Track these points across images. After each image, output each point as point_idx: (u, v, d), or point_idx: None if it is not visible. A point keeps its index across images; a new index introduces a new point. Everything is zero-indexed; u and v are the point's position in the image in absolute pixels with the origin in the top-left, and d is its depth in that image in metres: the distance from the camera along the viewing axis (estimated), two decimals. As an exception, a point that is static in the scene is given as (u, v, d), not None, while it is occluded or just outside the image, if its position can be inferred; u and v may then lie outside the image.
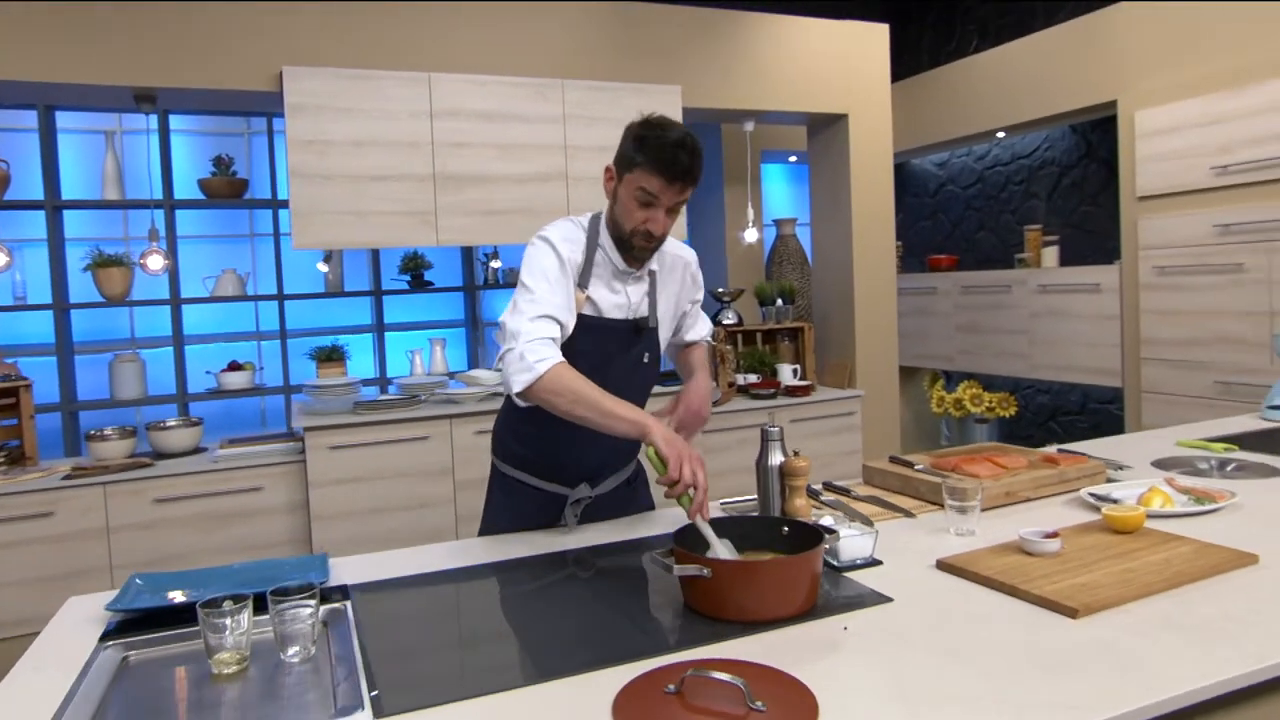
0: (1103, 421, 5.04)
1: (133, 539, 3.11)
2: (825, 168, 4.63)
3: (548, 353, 1.55)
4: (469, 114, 3.53)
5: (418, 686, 1.11)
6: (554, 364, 1.54)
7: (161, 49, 3.16)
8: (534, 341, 1.56)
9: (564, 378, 1.53)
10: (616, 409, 1.48)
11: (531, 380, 1.52)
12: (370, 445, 3.35)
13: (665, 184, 1.59)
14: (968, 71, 5.09)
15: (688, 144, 1.59)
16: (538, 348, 1.55)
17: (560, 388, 1.52)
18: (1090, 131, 4.90)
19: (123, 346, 4.21)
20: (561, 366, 1.54)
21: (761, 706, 0.97)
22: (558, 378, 1.52)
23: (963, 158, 5.77)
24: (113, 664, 1.24)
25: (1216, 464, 2.09)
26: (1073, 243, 4.95)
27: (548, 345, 1.56)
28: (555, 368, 1.53)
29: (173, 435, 3.38)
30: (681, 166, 1.58)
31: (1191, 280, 3.85)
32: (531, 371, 1.52)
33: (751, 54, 4.15)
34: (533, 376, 1.52)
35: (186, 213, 4.25)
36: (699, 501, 1.36)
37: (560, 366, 1.54)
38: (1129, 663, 1.07)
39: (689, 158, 1.58)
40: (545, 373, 1.52)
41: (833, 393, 4.46)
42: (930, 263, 5.59)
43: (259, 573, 1.52)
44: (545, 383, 1.52)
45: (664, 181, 1.58)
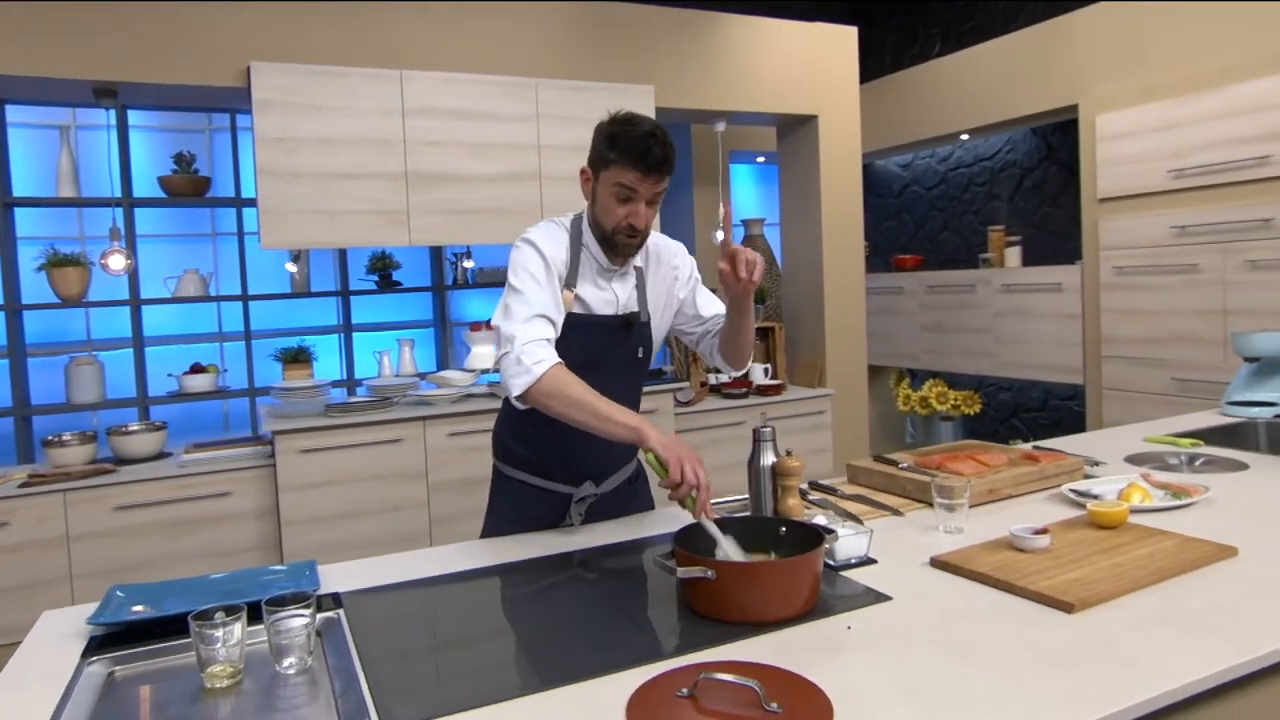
0: (1064, 418, 5.17)
1: (94, 548, 3.02)
2: (795, 169, 4.67)
3: (544, 354, 1.55)
4: (441, 112, 3.48)
5: (422, 696, 1.09)
6: (550, 365, 1.53)
7: (124, 42, 3.06)
8: (530, 344, 1.55)
9: (560, 380, 1.52)
10: (613, 414, 1.48)
11: (530, 383, 1.52)
12: (342, 448, 3.29)
13: (641, 176, 1.60)
14: (933, 74, 5.17)
15: (659, 135, 1.61)
16: (534, 350, 1.55)
17: (556, 390, 1.51)
18: (1051, 134, 5.01)
19: (79, 349, 4.07)
20: (558, 368, 1.54)
21: (777, 708, 0.97)
22: (554, 380, 1.52)
23: (926, 159, 5.87)
24: (99, 680, 1.20)
25: (1186, 459, 2.15)
26: (1034, 243, 5.06)
27: (544, 347, 1.56)
28: (551, 370, 1.53)
29: (135, 440, 3.28)
30: (655, 157, 1.59)
31: (1150, 280, 3.96)
32: (529, 374, 1.52)
33: (723, 55, 4.17)
34: (530, 379, 1.52)
35: (146, 211, 4.12)
36: (703, 501, 1.36)
37: (557, 368, 1.54)
38: (1128, 656, 1.09)
39: (661, 149, 1.60)
40: (542, 375, 1.52)
41: (803, 391, 4.50)
42: (896, 262, 5.67)
43: (246, 582, 1.49)
44: (542, 385, 1.52)
45: (640, 174, 1.60)
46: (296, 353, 4.12)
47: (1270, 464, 2.07)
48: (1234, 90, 3.58)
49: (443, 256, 4.80)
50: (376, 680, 1.13)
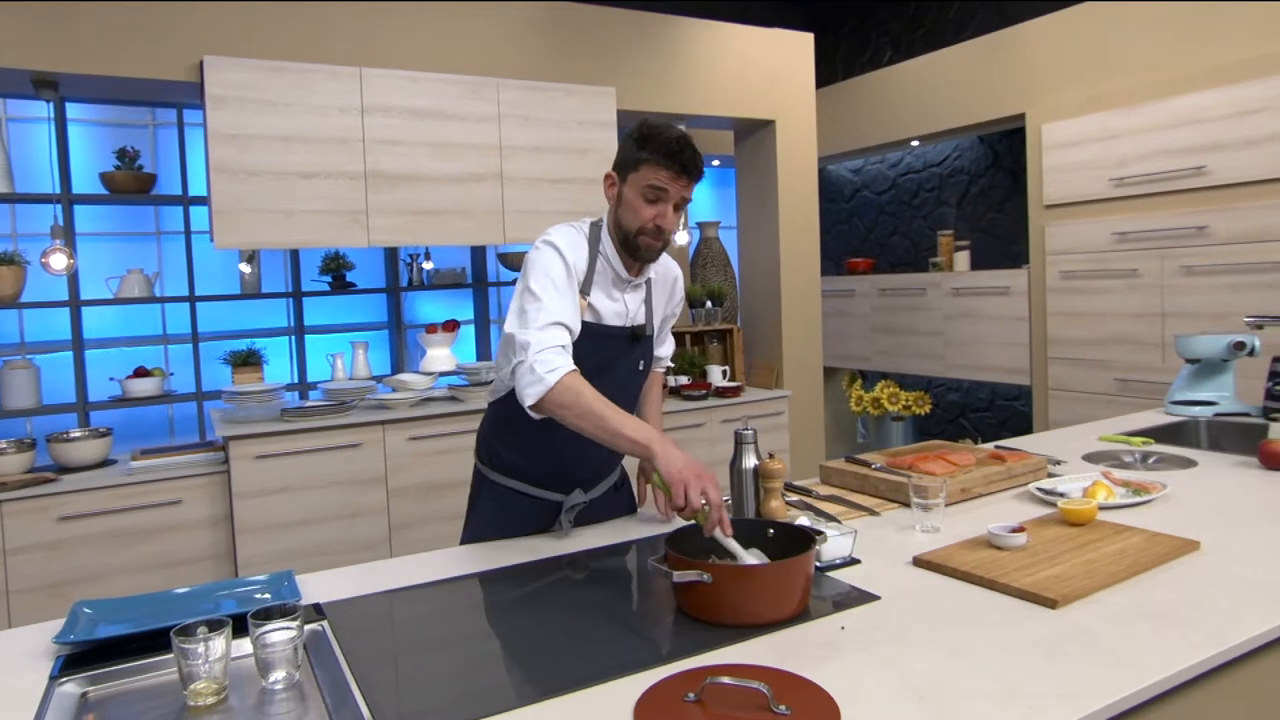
0: (1010, 418, 5.33)
1: (33, 561, 2.88)
2: (752, 173, 4.72)
3: (559, 362, 1.52)
4: (401, 111, 3.43)
5: (421, 707, 1.07)
6: (564, 374, 1.51)
7: (67, 31, 2.93)
8: (544, 351, 1.53)
9: (573, 389, 1.50)
10: (624, 428, 1.46)
11: (543, 392, 1.49)
12: (299, 453, 3.21)
13: (674, 176, 1.62)
14: (884, 82, 5.28)
15: (689, 140, 1.65)
16: (549, 358, 1.52)
17: (569, 401, 1.49)
18: (998, 142, 5.17)
19: (12, 352, 3.88)
20: (572, 377, 1.52)
21: (786, 711, 0.98)
22: (567, 389, 1.49)
23: (877, 164, 5.99)
24: (71, 702, 1.15)
25: (1139, 457, 2.24)
26: (981, 248, 5.21)
27: (558, 354, 1.53)
28: (565, 378, 1.50)
29: (78, 447, 3.14)
30: (688, 158, 1.62)
31: (1093, 284, 4.12)
32: (542, 383, 1.49)
33: (683, 59, 4.19)
34: (544, 389, 1.49)
35: (86, 208, 3.96)
36: (714, 520, 1.35)
37: (570, 377, 1.51)
38: (1114, 650, 1.13)
39: (693, 152, 1.64)
40: (555, 384, 1.49)
41: (761, 393, 4.55)
42: (848, 266, 5.78)
43: (221, 594, 1.44)
44: (555, 394, 1.49)
45: (673, 173, 1.62)
46: (246, 355, 4.00)
47: (1215, 460, 2.17)
48: (1172, 103, 3.74)
49: (398, 258, 4.72)
50: (371, 692, 1.11)
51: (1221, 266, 3.60)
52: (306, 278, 4.46)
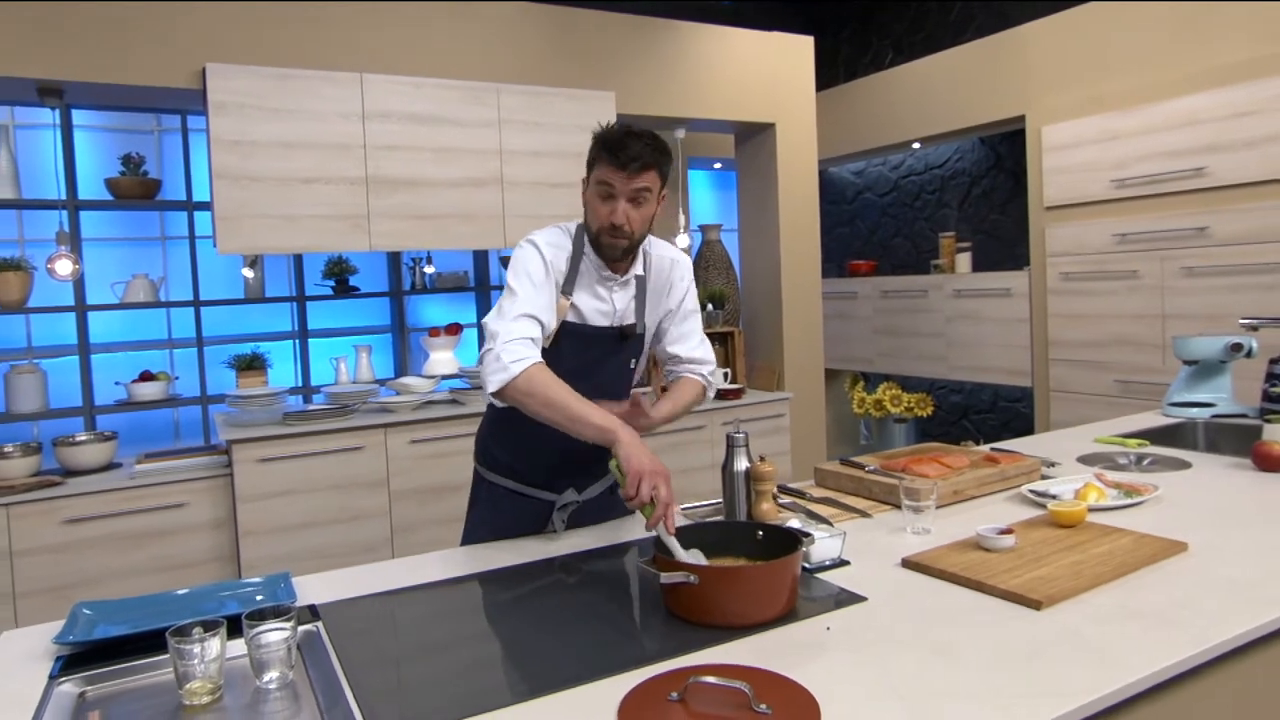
0: (1012, 419, 5.33)
1: (40, 563, 2.91)
2: (753, 176, 4.73)
3: (525, 353, 1.55)
4: (402, 116, 3.45)
5: (412, 706, 1.09)
6: (529, 364, 1.54)
7: (71, 39, 2.97)
8: (512, 342, 1.56)
9: (537, 379, 1.53)
10: (586, 414, 1.49)
11: (506, 380, 1.52)
12: (301, 457, 3.23)
13: (616, 169, 1.62)
14: (885, 84, 5.29)
15: (641, 134, 1.64)
16: (515, 348, 1.55)
17: (533, 389, 1.52)
18: (999, 143, 5.17)
19: (19, 356, 3.93)
20: (537, 368, 1.54)
21: (767, 710, 1.00)
22: (531, 379, 1.53)
23: (879, 166, 6.00)
24: (70, 701, 1.17)
25: (1134, 459, 2.24)
26: (983, 249, 5.22)
27: (525, 345, 1.56)
28: (530, 369, 1.53)
29: (84, 451, 3.18)
30: (630, 151, 1.60)
31: (1093, 286, 4.12)
32: (506, 372, 1.52)
33: (683, 62, 4.21)
34: (508, 377, 1.52)
35: (92, 214, 4.00)
36: (657, 516, 1.37)
37: (536, 367, 1.54)
38: (1098, 650, 1.14)
39: (638, 144, 1.62)
40: (520, 374, 1.52)
41: (762, 395, 4.56)
42: (850, 268, 5.79)
43: (218, 596, 1.46)
44: (519, 383, 1.53)
45: (614, 166, 1.61)
46: (250, 359, 4.03)
47: (1210, 462, 2.17)
48: (1172, 104, 3.74)
49: (400, 261, 4.75)
50: (363, 691, 1.13)
51: (1222, 268, 3.60)
52: (310, 282, 4.50)
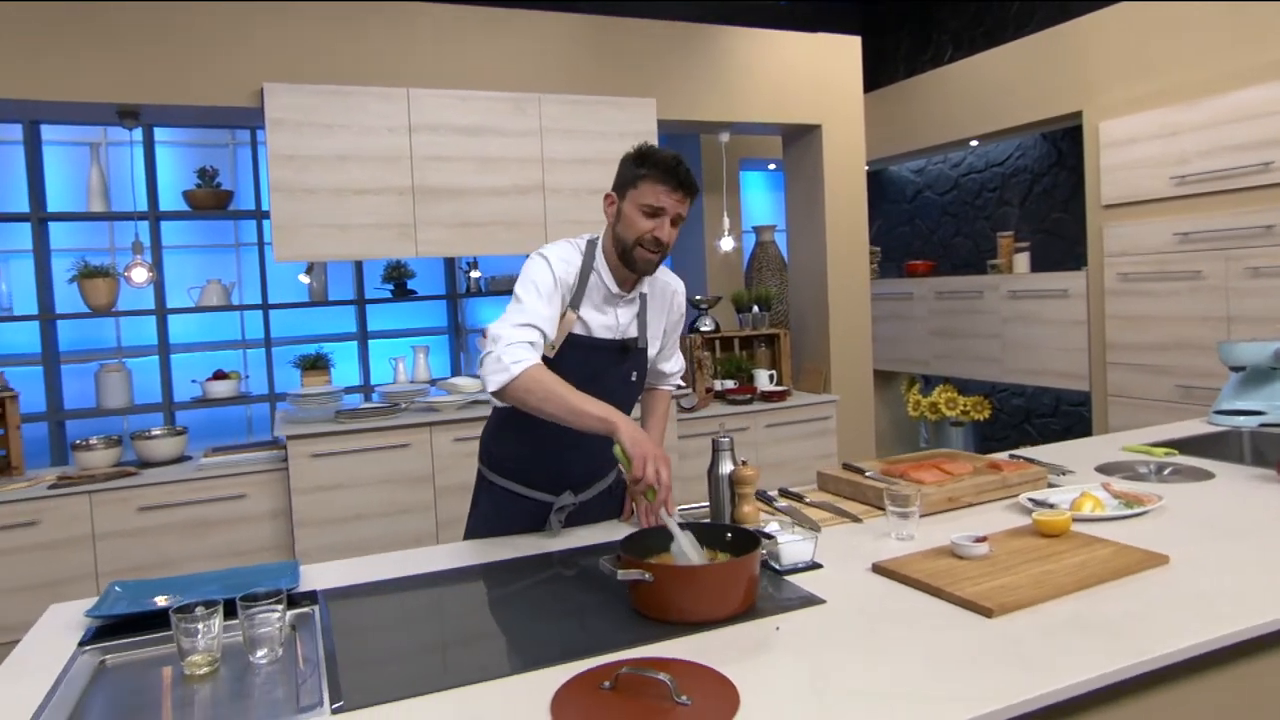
0: (1075, 424, 5.15)
1: (118, 547, 3.18)
2: (800, 177, 4.73)
3: (524, 355, 1.63)
4: (447, 128, 3.61)
5: (372, 685, 1.19)
6: (529, 365, 1.62)
7: (145, 67, 3.24)
8: (512, 345, 1.64)
9: (537, 377, 1.61)
10: (586, 406, 1.57)
11: (506, 381, 1.61)
12: (351, 453, 3.42)
13: (670, 191, 1.72)
14: (941, 81, 5.20)
15: (683, 160, 1.76)
16: (515, 350, 1.63)
17: (532, 386, 1.60)
18: (1061, 139, 5.01)
19: (109, 356, 4.27)
20: (536, 368, 1.62)
21: (686, 701, 1.06)
22: (531, 378, 1.61)
23: (939, 164, 5.88)
24: (90, 668, 1.32)
25: (1155, 468, 2.19)
26: (1045, 249, 5.06)
27: (525, 348, 1.64)
28: (530, 369, 1.61)
29: (158, 444, 3.44)
30: (683, 175, 1.73)
31: (1153, 286, 3.96)
32: (507, 372, 1.61)
33: (725, 67, 4.24)
34: (508, 377, 1.61)
35: (172, 223, 4.31)
36: (661, 499, 1.44)
37: (535, 368, 1.62)
38: (1031, 658, 1.15)
39: (687, 170, 1.74)
40: (520, 373, 1.60)
41: (808, 397, 4.56)
42: (907, 268, 5.69)
43: (234, 579, 1.60)
44: (520, 382, 1.61)
45: (669, 189, 1.71)
46: (315, 359, 4.27)
47: (1237, 474, 2.10)
48: (1236, 96, 3.57)
49: (456, 266, 4.94)
50: (337, 670, 1.24)
51: (1289, 268, 3.42)
52: (369, 285, 4.73)
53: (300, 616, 1.47)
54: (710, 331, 4.68)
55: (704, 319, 4.72)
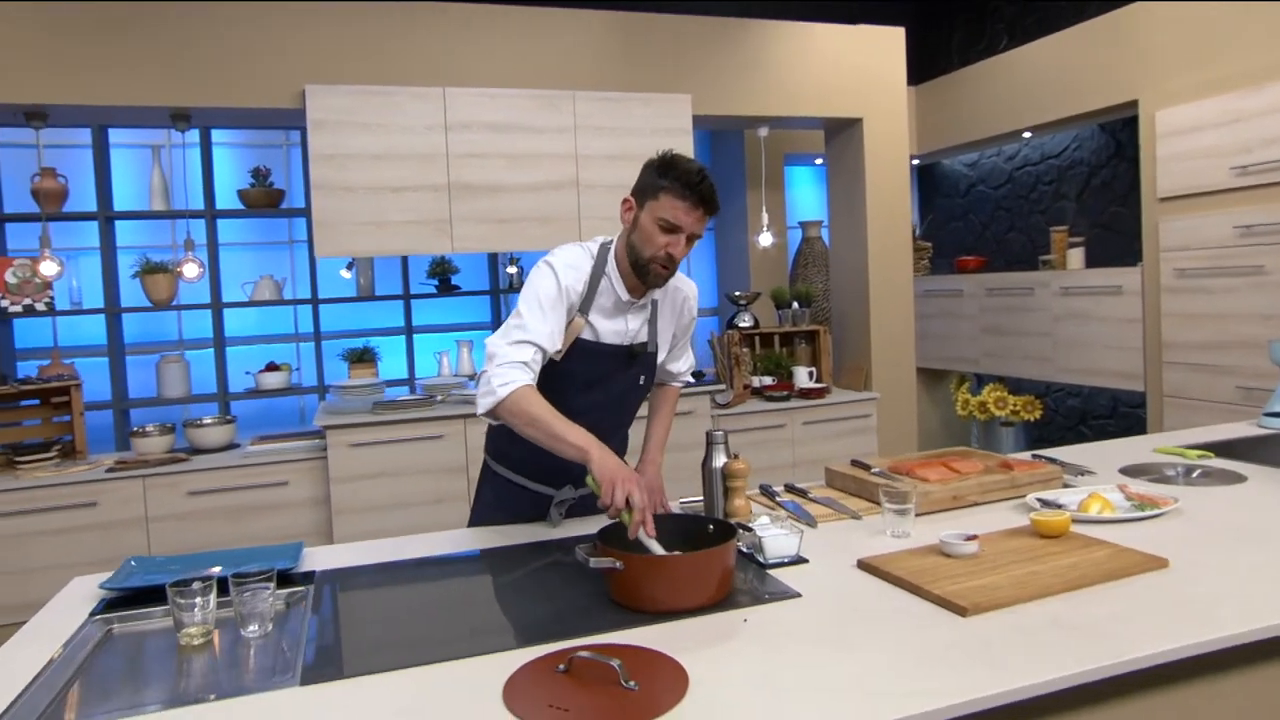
0: (1133, 425, 4.94)
1: (169, 529, 3.35)
2: (841, 172, 4.66)
3: (513, 376, 1.63)
4: (482, 126, 3.68)
5: (343, 661, 1.24)
6: (516, 388, 1.62)
7: (194, 72, 3.39)
8: (503, 366, 1.65)
9: (523, 402, 1.61)
10: (565, 434, 1.57)
11: (493, 404, 1.63)
12: (388, 443, 3.52)
13: (690, 209, 1.66)
14: (993, 71, 5.05)
15: (708, 176, 1.69)
16: (505, 372, 1.64)
17: (518, 410, 1.61)
18: (1120, 130, 4.81)
19: (170, 348, 4.49)
20: (524, 390, 1.62)
21: (634, 686, 1.07)
22: (517, 402, 1.61)
23: (993, 158, 5.71)
24: (96, 636, 1.40)
25: (1184, 471, 2.09)
26: (1103, 243, 4.88)
27: (516, 369, 1.64)
28: (517, 392, 1.61)
29: (208, 432, 3.61)
30: (706, 191, 1.67)
31: (1212, 283, 3.77)
32: (494, 395, 1.62)
33: (762, 61, 4.21)
34: (494, 401, 1.62)
35: (228, 221, 4.50)
36: (637, 522, 1.44)
37: (522, 390, 1.62)
38: (998, 658, 1.13)
39: (710, 188, 1.68)
40: (506, 397, 1.61)
41: (848, 395, 4.49)
42: (957, 264, 5.55)
43: (240, 558, 1.68)
44: (507, 405, 1.62)
45: (689, 206, 1.66)
46: (361, 353, 4.41)
47: (1273, 478, 1.99)
48: (1302, 82, 3.38)
49: (498, 262, 5.02)
50: (316, 646, 1.29)
51: (1358, 263, 3.21)
52: (415, 281, 4.85)
53: (296, 595, 1.54)
54: (749, 328, 4.65)
55: (742, 315, 4.69)
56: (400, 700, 1.10)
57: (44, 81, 3.26)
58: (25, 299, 3.91)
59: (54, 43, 3.26)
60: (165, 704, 1.14)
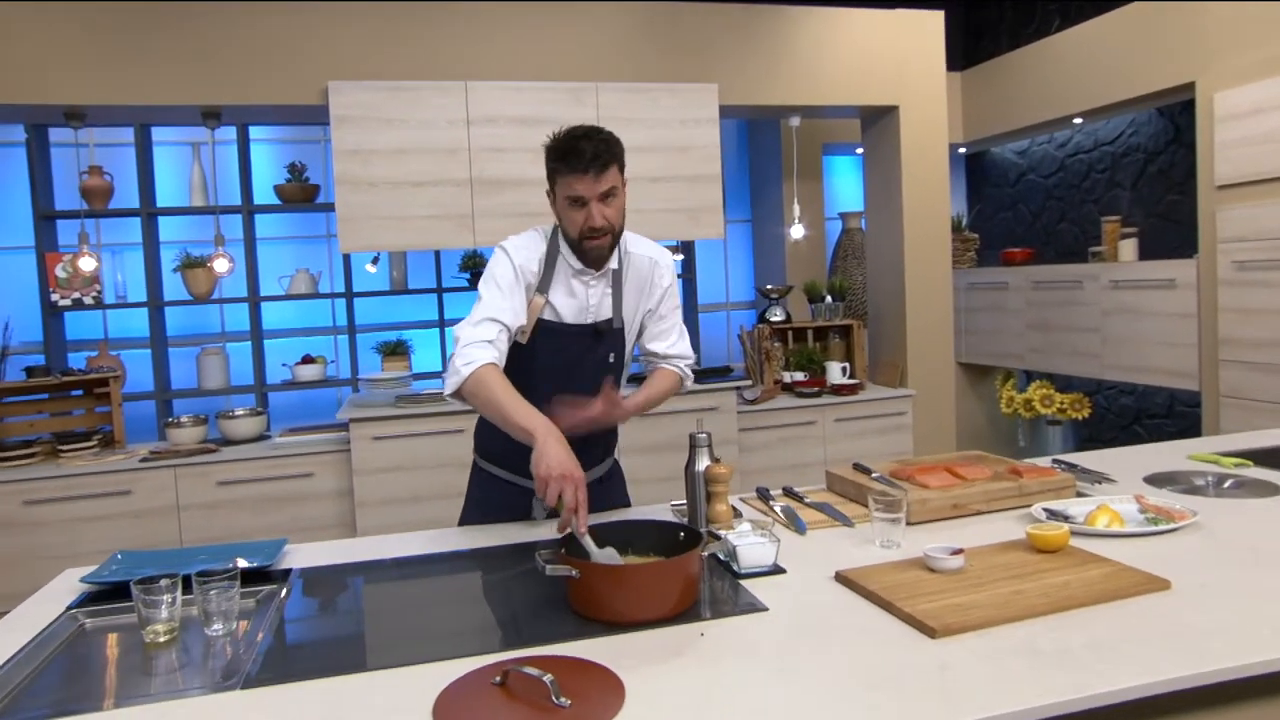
0: (1190, 426, 4.68)
1: (199, 517, 3.43)
2: (877, 161, 4.52)
3: (476, 355, 1.63)
4: (504, 120, 3.66)
5: (289, 664, 1.23)
6: (479, 366, 1.61)
7: (223, 71, 3.46)
8: (468, 346, 1.65)
9: (483, 382, 1.61)
10: (513, 416, 1.55)
11: (458, 384, 1.63)
12: (409, 437, 3.55)
13: (580, 176, 1.65)
14: (1042, 54, 4.82)
15: (591, 135, 1.67)
16: (469, 352, 1.64)
17: (477, 390, 1.61)
18: (1179, 114, 4.55)
19: (211, 340, 4.61)
20: (486, 369, 1.62)
21: (565, 703, 1.03)
22: (478, 381, 1.61)
23: (1043, 145, 5.47)
24: (68, 629, 1.42)
25: (1215, 480, 1.95)
26: (1159, 234, 4.62)
27: (479, 348, 1.65)
28: (479, 371, 1.61)
29: (239, 423, 3.69)
30: (587, 151, 1.64)
31: (1273, 276, 3.54)
32: (458, 375, 1.63)
33: (792, 48, 4.09)
34: (459, 380, 1.63)
35: (268, 216, 4.59)
36: (565, 519, 1.40)
37: (485, 369, 1.62)
38: (952, 685, 1.05)
39: (591, 145, 1.65)
40: (469, 376, 1.61)
41: (882, 392, 4.36)
42: (1003, 256, 5.34)
43: (223, 554, 1.69)
44: (469, 385, 1.62)
45: (578, 175, 1.65)
46: (394, 346, 4.45)
47: (1313, 490, 1.84)
48: (1374, 59, 3.13)
49: (531, 255, 5.01)
50: (266, 648, 1.28)
51: None
52: (447, 275, 4.87)
53: (268, 593, 1.54)
54: (780, 322, 4.55)
55: (774, 309, 4.59)
56: (328, 710, 1.07)
57: (81, 82, 3.36)
58: (74, 293, 4.06)
59: (89, 44, 3.36)
60: (94, 707, 1.12)
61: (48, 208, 4.04)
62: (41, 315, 4.04)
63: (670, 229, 3.95)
